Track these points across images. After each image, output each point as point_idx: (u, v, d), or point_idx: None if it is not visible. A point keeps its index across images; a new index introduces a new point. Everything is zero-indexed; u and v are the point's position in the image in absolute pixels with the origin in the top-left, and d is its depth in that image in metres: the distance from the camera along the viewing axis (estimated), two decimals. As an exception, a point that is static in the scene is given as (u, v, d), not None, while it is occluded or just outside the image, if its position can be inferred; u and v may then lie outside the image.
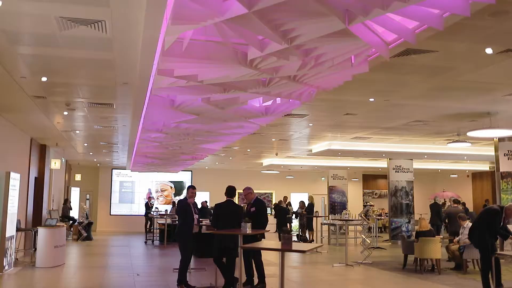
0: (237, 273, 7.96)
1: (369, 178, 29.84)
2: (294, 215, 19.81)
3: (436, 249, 10.59)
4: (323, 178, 27.44)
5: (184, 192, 24.77)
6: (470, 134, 10.31)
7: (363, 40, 4.40)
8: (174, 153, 14.35)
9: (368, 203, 29.56)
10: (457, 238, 11.13)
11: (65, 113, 9.85)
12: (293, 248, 4.21)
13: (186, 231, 8.25)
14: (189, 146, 12.57)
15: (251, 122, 8.77)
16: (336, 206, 23.88)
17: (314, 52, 4.87)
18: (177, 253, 12.87)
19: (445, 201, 26.18)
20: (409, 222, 18.30)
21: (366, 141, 14.38)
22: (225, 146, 14.04)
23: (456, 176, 26.57)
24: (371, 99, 8.62)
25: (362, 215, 13.08)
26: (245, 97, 6.96)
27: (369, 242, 13.48)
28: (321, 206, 26.13)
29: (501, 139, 13.19)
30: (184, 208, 8.32)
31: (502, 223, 8.03)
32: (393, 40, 5.04)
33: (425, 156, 16.97)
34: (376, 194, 30.44)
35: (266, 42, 4.67)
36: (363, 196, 29.62)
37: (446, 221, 12.74)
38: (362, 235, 13.32)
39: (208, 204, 19.53)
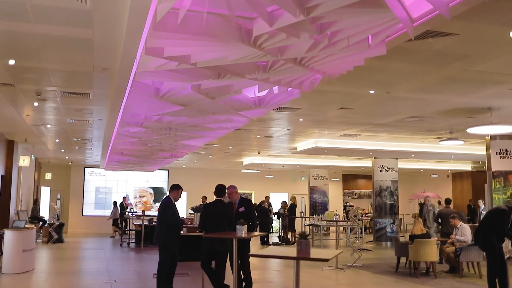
0: (227, 280, 7.30)
1: (349, 178, 29.48)
2: (275, 215, 19.16)
3: (432, 251, 10.08)
4: (303, 178, 26.92)
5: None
6: (470, 130, 9.83)
7: (392, 11, 3.76)
8: (153, 150, 13.54)
9: (348, 203, 29.21)
10: (450, 240, 10.64)
11: (36, 104, 8.96)
12: (312, 256, 3.52)
13: (173, 234, 7.51)
14: (170, 143, 11.79)
15: (241, 115, 8.06)
16: (317, 207, 23.38)
17: (330, 28, 4.21)
18: (156, 257, 12.00)
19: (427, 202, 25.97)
20: (393, 222, 17.87)
21: (355, 138, 13.83)
22: (207, 143, 13.29)
23: (437, 176, 26.36)
24: (372, 91, 8.02)
25: (352, 216, 12.51)
26: (240, 84, 6.27)
27: (358, 244, 12.93)
28: (301, 206, 25.60)
29: (493, 137, 12.83)
30: (173, 209, 7.58)
31: (510, 224, 7.52)
32: (417, 17, 4.45)
33: (413, 155, 16.55)
34: (355, 194, 30.09)
35: (277, 15, 4.00)
36: (342, 196, 29.20)
37: (439, 220, 12.24)
38: (353, 236, 12.73)
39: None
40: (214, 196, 7.53)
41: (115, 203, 21.15)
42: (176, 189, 7.82)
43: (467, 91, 8.00)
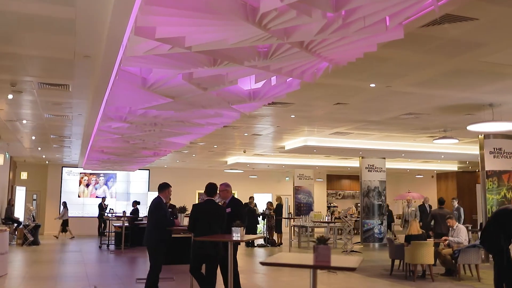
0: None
1: (333, 179, 29.13)
2: (261, 216, 18.62)
3: (429, 254, 9.68)
4: (287, 178, 26.48)
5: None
6: (471, 128, 9.44)
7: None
8: (135, 148, 12.91)
9: (331, 204, 28.87)
10: (446, 242, 10.28)
11: (10, 96, 8.30)
12: (333, 263, 2.98)
13: (165, 236, 6.98)
14: (154, 140, 11.19)
15: (233, 109, 7.53)
16: (302, 207, 22.95)
17: (348, 5, 3.72)
18: (138, 260, 11.43)
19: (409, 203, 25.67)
20: (381, 223, 17.51)
21: (345, 137, 13.40)
22: (192, 141, 12.71)
23: (421, 176, 26.17)
24: (372, 85, 7.57)
25: (343, 216, 12.09)
26: (236, 74, 5.74)
27: (350, 245, 12.52)
28: (286, 207, 25.13)
29: (486, 136, 12.53)
30: (164, 209, 7.06)
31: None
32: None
33: (403, 155, 16.20)
34: (339, 195, 29.75)
35: (289, -12, 3.50)
36: (326, 197, 28.84)
37: (432, 223, 11.85)
38: (345, 238, 12.29)
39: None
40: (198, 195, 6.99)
41: (64, 203, 20.37)
42: (165, 188, 7.35)
43: (472, 85, 7.62)
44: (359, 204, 30.21)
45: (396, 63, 6.46)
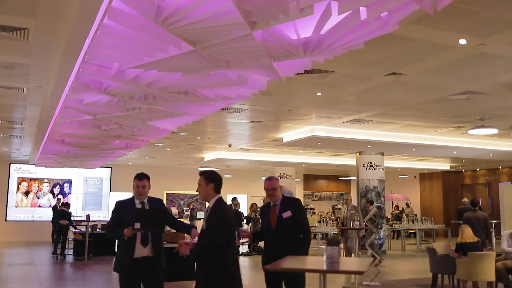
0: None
1: (310, 179, 27.19)
2: (245, 220, 16.33)
3: (490, 268, 7.73)
4: (263, 178, 24.29)
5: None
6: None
7: None
8: (106, 137, 10.40)
9: (308, 206, 26.95)
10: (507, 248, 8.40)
11: None
12: None
13: (126, 250, 4.61)
14: (135, 124, 8.76)
15: (269, 70, 5.25)
16: (284, 210, 20.83)
17: None
18: (107, 277, 9.45)
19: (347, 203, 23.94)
20: (381, 228, 15.59)
21: (361, 126, 11.34)
22: (178, 128, 10.30)
23: (406, 176, 24.58)
24: (462, 41, 5.48)
25: (367, 221, 10.03)
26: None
27: (379, 256, 10.47)
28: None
29: (521, 128, 10.83)
30: (113, 212, 4.79)
31: None
32: None
33: (414, 150, 14.31)
34: (316, 196, 27.87)
35: None
36: (303, 198, 26.86)
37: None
38: (369, 248, 10.20)
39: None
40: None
41: None
42: (141, 179, 4.91)
43: None
44: (336, 206, 28.60)
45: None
